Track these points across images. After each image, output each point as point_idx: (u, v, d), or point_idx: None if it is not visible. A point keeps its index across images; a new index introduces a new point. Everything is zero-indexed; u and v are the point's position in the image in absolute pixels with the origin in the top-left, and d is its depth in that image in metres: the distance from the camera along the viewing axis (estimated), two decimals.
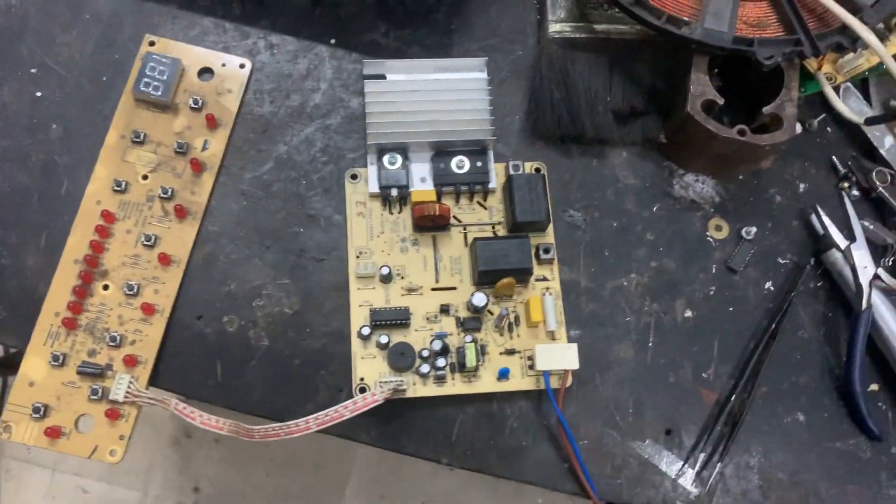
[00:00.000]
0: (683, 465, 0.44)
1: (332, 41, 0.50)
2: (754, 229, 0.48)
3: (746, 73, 0.46)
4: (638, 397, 0.45)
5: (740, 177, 0.50)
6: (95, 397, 0.41)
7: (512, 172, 0.47)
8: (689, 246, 0.48)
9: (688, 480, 0.44)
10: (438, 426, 0.44)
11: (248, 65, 0.49)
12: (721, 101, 0.45)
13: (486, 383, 0.44)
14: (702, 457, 0.44)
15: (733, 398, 0.45)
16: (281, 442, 0.39)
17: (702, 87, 0.45)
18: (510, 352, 0.44)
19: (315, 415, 0.39)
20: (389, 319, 0.44)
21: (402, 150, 0.47)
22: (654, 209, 0.49)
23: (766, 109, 0.45)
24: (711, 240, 0.48)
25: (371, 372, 0.43)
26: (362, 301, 0.45)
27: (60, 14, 0.49)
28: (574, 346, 0.43)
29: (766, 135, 0.45)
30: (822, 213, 0.48)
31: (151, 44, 0.48)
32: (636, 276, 0.47)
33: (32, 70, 0.48)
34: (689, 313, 0.47)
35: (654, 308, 0.47)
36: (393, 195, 0.46)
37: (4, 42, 0.48)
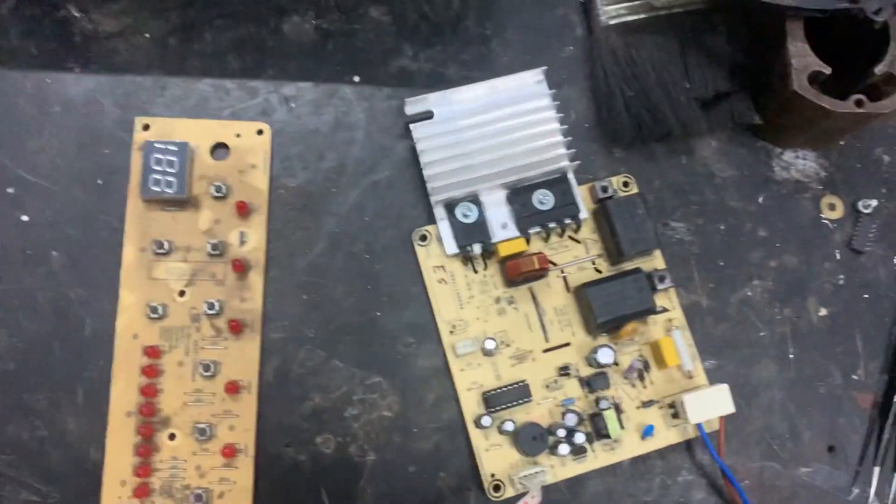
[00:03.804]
0: (854, 482, 0.40)
1: (356, 78, 0.42)
2: (873, 202, 0.43)
3: (835, 34, 0.40)
4: (791, 419, 0.40)
5: (840, 142, 0.44)
6: None
7: (602, 196, 0.40)
8: (805, 233, 0.43)
9: (867, 498, 0.40)
10: (589, 501, 0.38)
11: (267, 129, 0.40)
12: (828, 71, 0.39)
13: (631, 446, 0.38)
14: (876, 471, 0.40)
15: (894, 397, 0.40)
16: None
17: (804, 57, 0.39)
18: (647, 403, 0.39)
19: None
20: (509, 402, 0.38)
21: (473, 198, 0.40)
22: (760, 200, 0.43)
23: (878, 69, 0.39)
24: (827, 221, 0.43)
25: (501, 464, 0.37)
26: (470, 384, 0.38)
27: (23, 111, 0.40)
28: (725, 387, 0.37)
29: (887, 100, 0.39)
30: None
31: (146, 128, 0.40)
32: (759, 282, 0.42)
33: (9, 190, 0.39)
34: (823, 311, 0.42)
35: (786, 313, 0.41)
36: (475, 252, 0.39)
37: None
